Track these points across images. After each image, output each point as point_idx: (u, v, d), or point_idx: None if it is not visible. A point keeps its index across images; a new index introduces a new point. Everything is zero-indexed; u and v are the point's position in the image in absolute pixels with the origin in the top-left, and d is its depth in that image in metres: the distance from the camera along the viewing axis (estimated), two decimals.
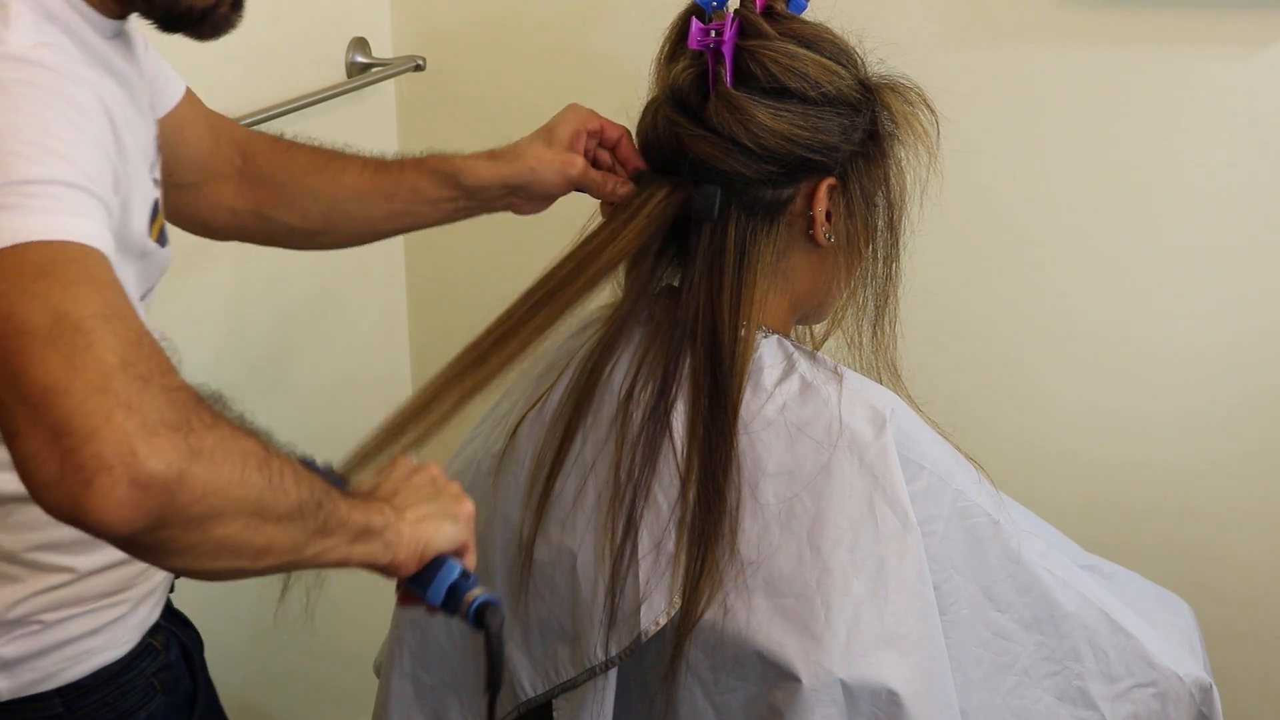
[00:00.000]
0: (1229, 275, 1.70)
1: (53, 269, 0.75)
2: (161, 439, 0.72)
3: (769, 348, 1.15)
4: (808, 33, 1.12)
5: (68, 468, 0.70)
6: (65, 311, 0.73)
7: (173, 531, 0.74)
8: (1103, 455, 1.80)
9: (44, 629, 1.02)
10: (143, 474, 0.71)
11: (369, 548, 0.88)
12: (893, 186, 1.17)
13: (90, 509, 0.71)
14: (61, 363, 0.72)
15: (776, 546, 1.11)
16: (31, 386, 0.71)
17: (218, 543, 0.76)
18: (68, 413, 0.71)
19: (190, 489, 0.73)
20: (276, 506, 0.79)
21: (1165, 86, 1.64)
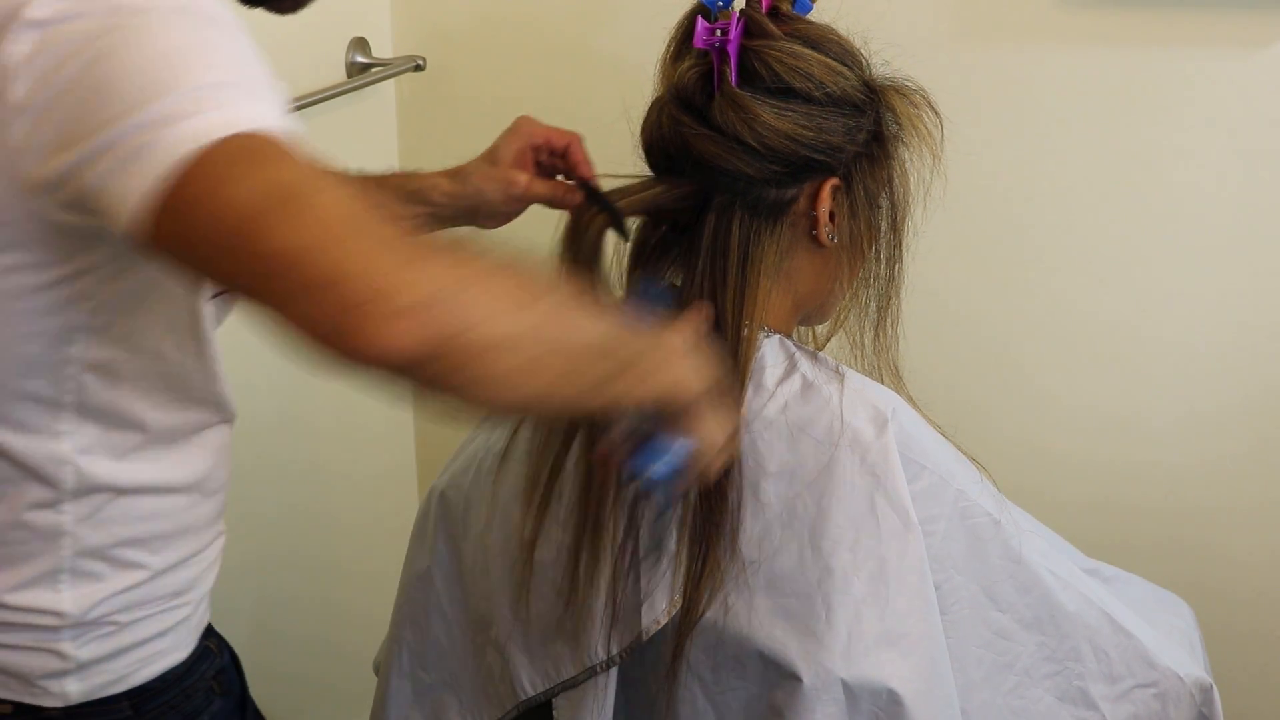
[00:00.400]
0: (1229, 275, 1.70)
1: (265, 152, 0.78)
2: (425, 267, 0.75)
3: (771, 347, 1.15)
4: (813, 33, 1.12)
5: (341, 312, 0.73)
6: (280, 184, 0.76)
7: (449, 362, 0.75)
8: (1103, 455, 1.81)
9: (119, 630, 1.02)
10: (408, 300, 0.73)
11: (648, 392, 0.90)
12: (896, 188, 1.17)
13: (374, 343, 0.73)
14: (303, 227, 0.75)
15: (778, 546, 1.11)
16: (282, 257, 0.74)
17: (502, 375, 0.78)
18: (326, 266, 0.74)
19: (458, 314, 0.75)
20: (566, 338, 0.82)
21: (1165, 86, 1.64)
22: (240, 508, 1.80)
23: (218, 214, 0.76)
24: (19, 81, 0.81)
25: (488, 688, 1.25)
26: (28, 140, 0.82)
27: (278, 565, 1.87)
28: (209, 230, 0.77)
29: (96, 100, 0.79)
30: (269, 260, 0.75)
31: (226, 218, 0.76)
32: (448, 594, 1.30)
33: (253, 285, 0.77)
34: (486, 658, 1.25)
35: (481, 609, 1.25)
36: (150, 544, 1.02)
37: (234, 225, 0.76)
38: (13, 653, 1.00)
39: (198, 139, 0.77)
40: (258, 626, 1.87)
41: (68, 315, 0.91)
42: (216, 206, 0.76)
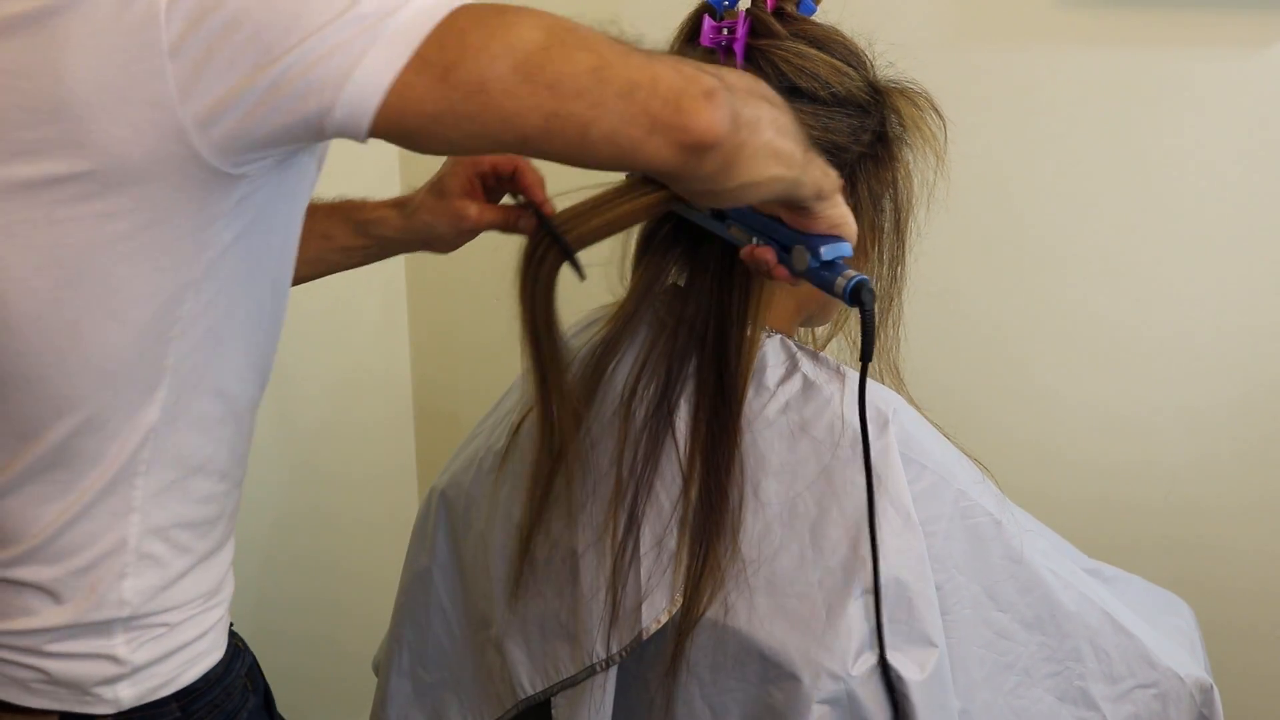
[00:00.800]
0: (1229, 273, 1.70)
1: (504, 7, 0.82)
2: (689, 67, 0.85)
3: (772, 347, 1.15)
4: (818, 34, 1.12)
5: (654, 111, 0.82)
6: (549, 23, 0.82)
7: (744, 133, 0.86)
8: (1104, 454, 1.81)
9: (169, 631, 1.02)
10: (705, 85, 0.83)
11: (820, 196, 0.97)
12: (900, 190, 1.17)
13: (693, 124, 0.82)
14: (585, 51, 0.82)
15: (778, 545, 1.11)
16: (578, 79, 0.81)
17: (766, 146, 0.88)
18: (623, 76, 0.82)
19: (735, 92, 0.85)
20: (781, 120, 0.90)
21: (1166, 86, 1.64)
22: (240, 509, 1.81)
23: (498, 55, 0.80)
24: (172, 23, 0.81)
25: (488, 687, 1.25)
26: (192, 74, 0.82)
27: (278, 565, 1.87)
28: (495, 74, 0.80)
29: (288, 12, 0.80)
30: (571, 81, 0.80)
31: (513, 56, 0.80)
32: (448, 593, 1.30)
33: (553, 113, 0.81)
34: (486, 657, 1.25)
35: (482, 608, 1.26)
36: (199, 527, 1.03)
37: (524, 62, 0.80)
38: (69, 661, 1.00)
39: (436, 10, 0.81)
40: (258, 626, 1.87)
41: (188, 270, 0.90)
42: (498, 49, 0.80)
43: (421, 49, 0.80)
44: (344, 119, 0.82)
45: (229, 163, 0.86)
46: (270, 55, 0.80)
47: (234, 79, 0.81)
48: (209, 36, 0.81)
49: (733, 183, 0.88)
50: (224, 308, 0.95)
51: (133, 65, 0.82)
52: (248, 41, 0.80)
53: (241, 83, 0.81)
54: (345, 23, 0.80)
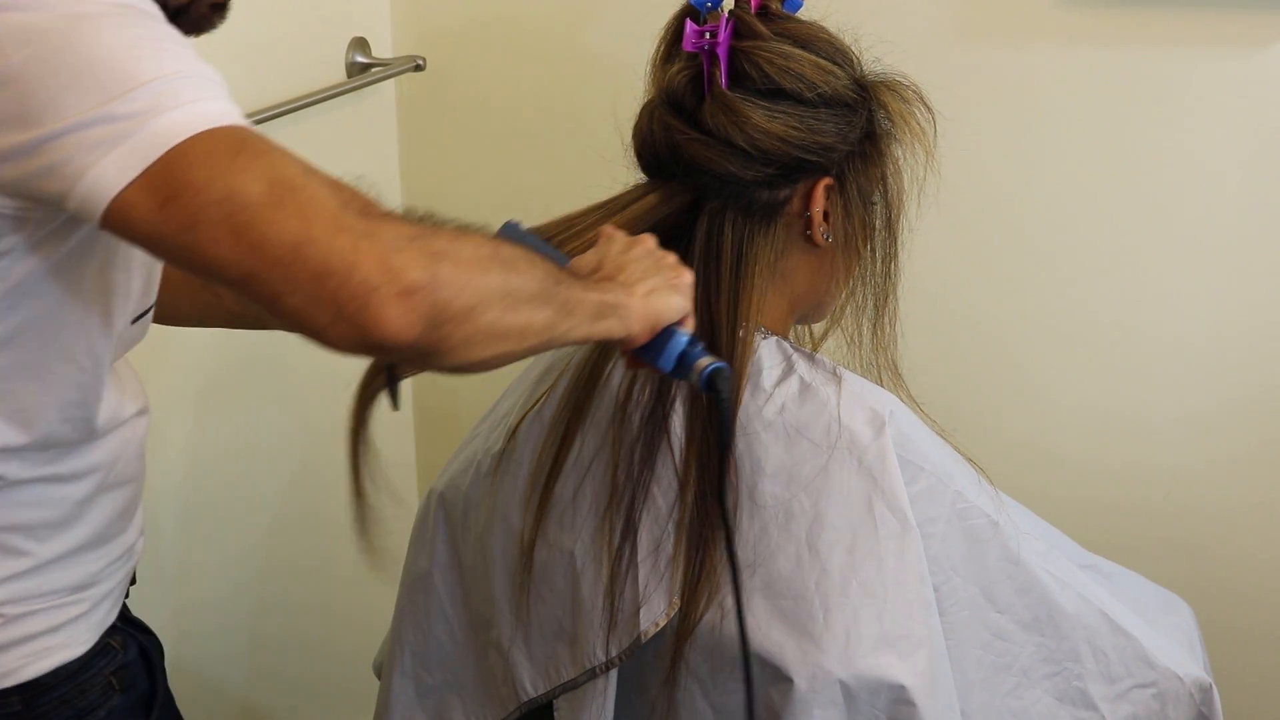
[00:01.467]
0: (1228, 274, 1.69)
1: (242, 145, 0.81)
2: (406, 251, 0.79)
3: (768, 349, 1.15)
4: (803, 32, 1.12)
5: (340, 303, 0.78)
6: (276, 176, 0.79)
7: (446, 328, 0.81)
8: (1103, 455, 1.80)
9: (7, 622, 1.02)
10: (405, 283, 0.78)
11: (607, 324, 0.94)
12: (890, 186, 1.17)
13: (375, 328, 0.78)
14: (296, 219, 0.78)
15: (775, 548, 1.11)
16: (278, 248, 0.78)
17: (485, 330, 0.83)
18: (321, 258, 0.78)
19: (448, 284, 0.80)
20: (523, 288, 0.86)
21: (1165, 86, 1.64)
22: (239, 511, 1.81)
23: (215, 203, 0.78)
24: None
25: (490, 688, 1.25)
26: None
27: (277, 569, 1.87)
28: (206, 218, 0.79)
29: (57, 86, 0.81)
30: (272, 249, 0.78)
31: (225, 208, 0.78)
32: (449, 595, 1.30)
33: (250, 274, 0.79)
34: (489, 659, 1.25)
35: (483, 610, 1.26)
36: (36, 531, 1.02)
37: (235, 215, 0.78)
38: None
39: (188, 127, 0.80)
40: (258, 630, 1.87)
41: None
42: (216, 195, 0.79)
43: (152, 169, 0.80)
44: (78, 209, 0.82)
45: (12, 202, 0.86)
46: (25, 124, 0.81)
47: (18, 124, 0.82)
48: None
49: (447, 365, 0.85)
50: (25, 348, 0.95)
51: None
52: (11, 101, 0.81)
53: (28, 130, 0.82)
54: (98, 119, 0.80)
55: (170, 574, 1.62)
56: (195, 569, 1.68)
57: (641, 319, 0.95)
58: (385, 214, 0.82)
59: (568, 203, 1.28)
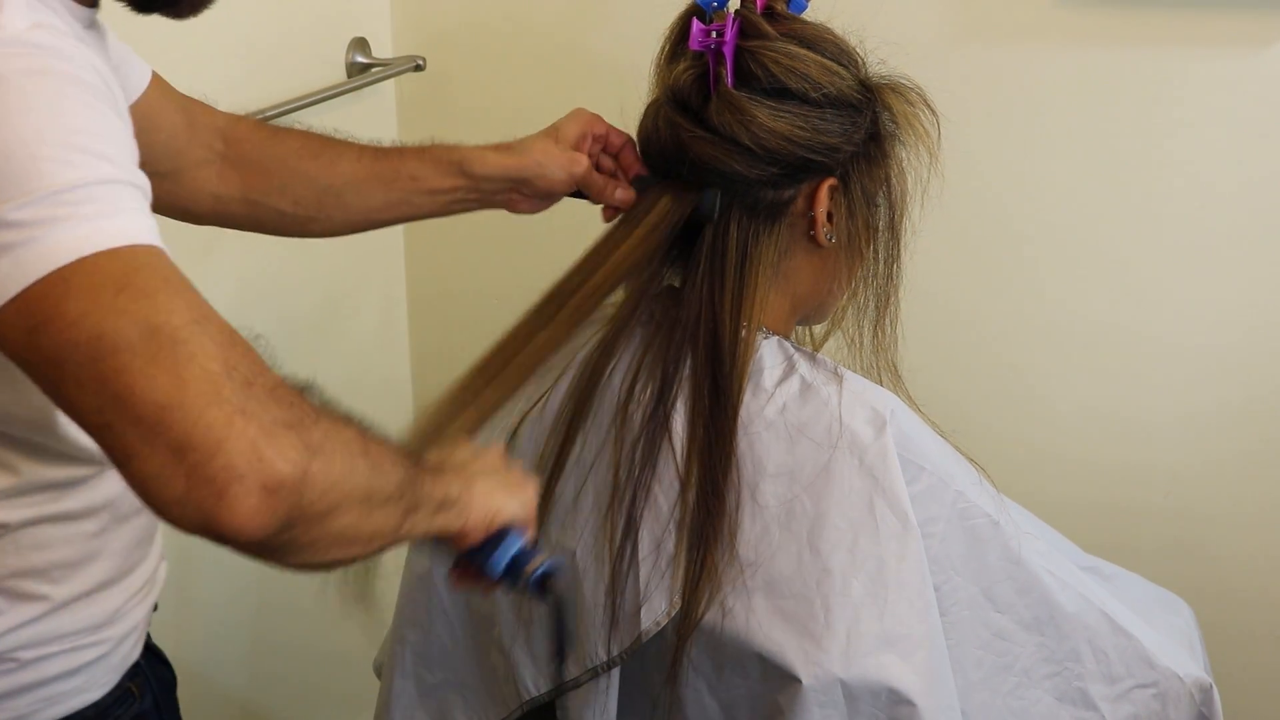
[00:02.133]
0: (1229, 274, 1.70)
1: (130, 279, 0.74)
2: (282, 440, 0.73)
3: (769, 349, 1.15)
4: (809, 33, 1.12)
5: (196, 482, 0.71)
6: (158, 324, 0.72)
7: (298, 530, 0.75)
8: (1103, 456, 1.81)
9: (20, 667, 0.97)
10: (273, 478, 0.72)
11: (446, 517, 0.90)
12: (894, 187, 1.17)
13: (224, 520, 0.71)
14: (168, 378, 0.71)
15: (776, 548, 1.11)
16: (142, 406, 0.71)
17: (336, 535, 0.78)
18: (187, 428, 0.70)
19: (314, 485, 0.74)
20: (381, 491, 0.81)
21: (1166, 87, 1.64)
22: None
23: (83, 343, 0.72)
24: None
25: (492, 688, 1.25)
26: None
27: (278, 573, 1.87)
28: (72, 357, 0.72)
29: None
30: (135, 407, 0.71)
31: (93, 350, 0.72)
32: (450, 595, 1.30)
33: (107, 425, 0.72)
34: (490, 658, 1.25)
35: (484, 609, 1.26)
36: (49, 574, 0.97)
37: (100, 360, 0.72)
38: None
39: (76, 249, 0.73)
40: (259, 632, 1.87)
41: None
42: (85, 333, 0.72)
43: (28, 292, 0.73)
44: None
45: None
46: None
47: None
48: None
49: (288, 564, 0.79)
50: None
51: None
52: None
53: None
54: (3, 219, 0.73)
55: (170, 576, 1.62)
56: (195, 569, 1.68)
57: (479, 512, 0.92)
58: (272, 388, 0.75)
59: (567, 201, 1.28)
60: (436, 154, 1.26)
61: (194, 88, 1.44)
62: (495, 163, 1.24)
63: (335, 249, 1.92)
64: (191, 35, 1.53)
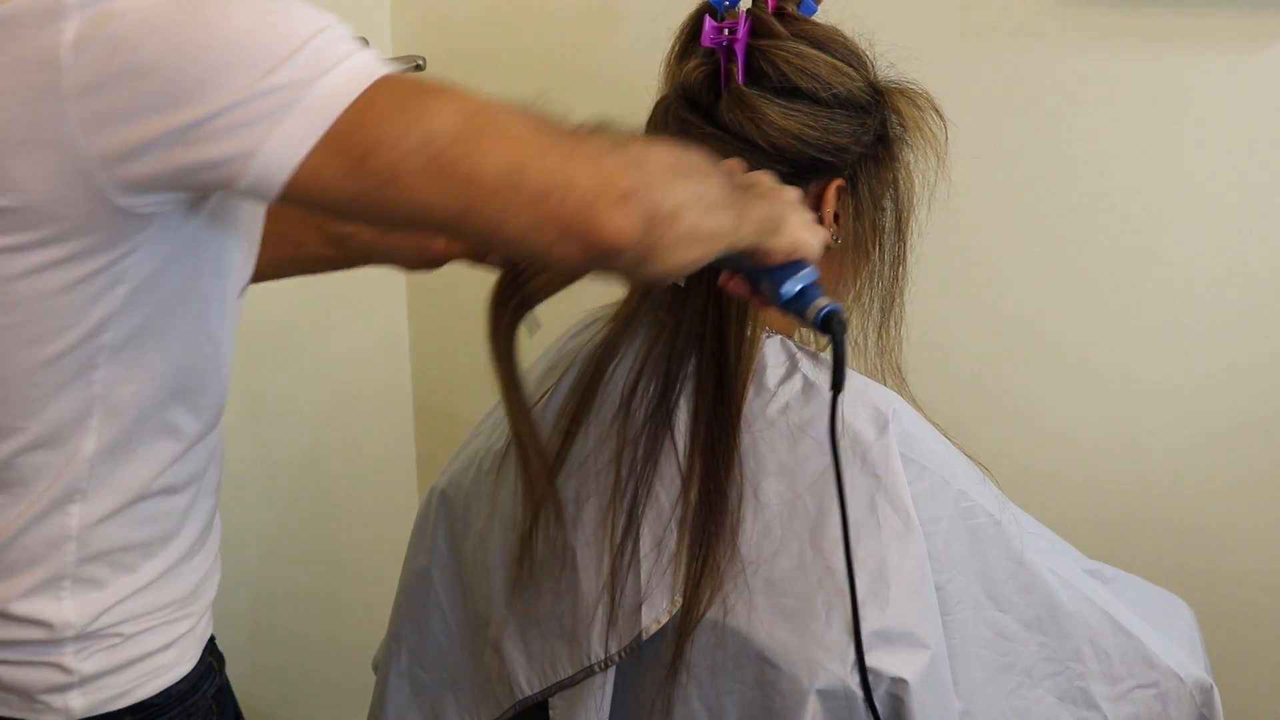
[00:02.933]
0: (1229, 274, 1.70)
1: (421, 85, 0.81)
2: (609, 162, 0.82)
3: (772, 347, 1.16)
4: (819, 34, 1.13)
5: (564, 219, 0.80)
6: (468, 109, 0.81)
7: (660, 229, 0.83)
8: (1104, 455, 1.80)
9: (123, 641, 1.00)
10: (622, 188, 0.81)
11: (765, 231, 0.95)
12: (901, 190, 1.17)
13: (601, 237, 0.81)
14: (502, 145, 0.80)
15: (778, 546, 1.11)
16: (491, 179, 0.79)
17: (689, 232, 0.85)
18: (538, 179, 0.79)
19: (654, 189, 0.83)
20: (709, 194, 0.88)
21: (1165, 86, 1.64)
22: (240, 505, 1.80)
23: (413, 146, 0.79)
24: (78, 66, 0.79)
25: (485, 687, 1.25)
26: (98, 115, 0.80)
27: (277, 562, 1.87)
28: (410, 165, 0.79)
29: (201, 70, 0.78)
30: (485, 181, 0.79)
31: (423, 148, 0.78)
32: (447, 593, 1.30)
33: (466, 209, 0.80)
34: (484, 657, 1.25)
35: (480, 608, 1.26)
36: (149, 547, 1.01)
37: (439, 156, 0.79)
38: (14, 668, 0.98)
39: (358, 82, 0.79)
40: (258, 625, 1.87)
41: (105, 303, 0.89)
42: (414, 142, 0.79)
43: (335, 130, 0.79)
44: (251, 187, 0.81)
45: (137, 204, 0.84)
46: (180, 113, 0.79)
47: (142, 128, 0.80)
48: (118, 82, 0.80)
49: (655, 270, 0.87)
50: (151, 342, 0.93)
51: (34, 104, 0.81)
52: (158, 94, 0.79)
53: (149, 132, 0.80)
54: (260, 93, 0.78)
55: None
56: None
57: (789, 241, 0.97)
58: (577, 128, 0.84)
59: None
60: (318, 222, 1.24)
61: None
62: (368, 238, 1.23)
63: None
64: None
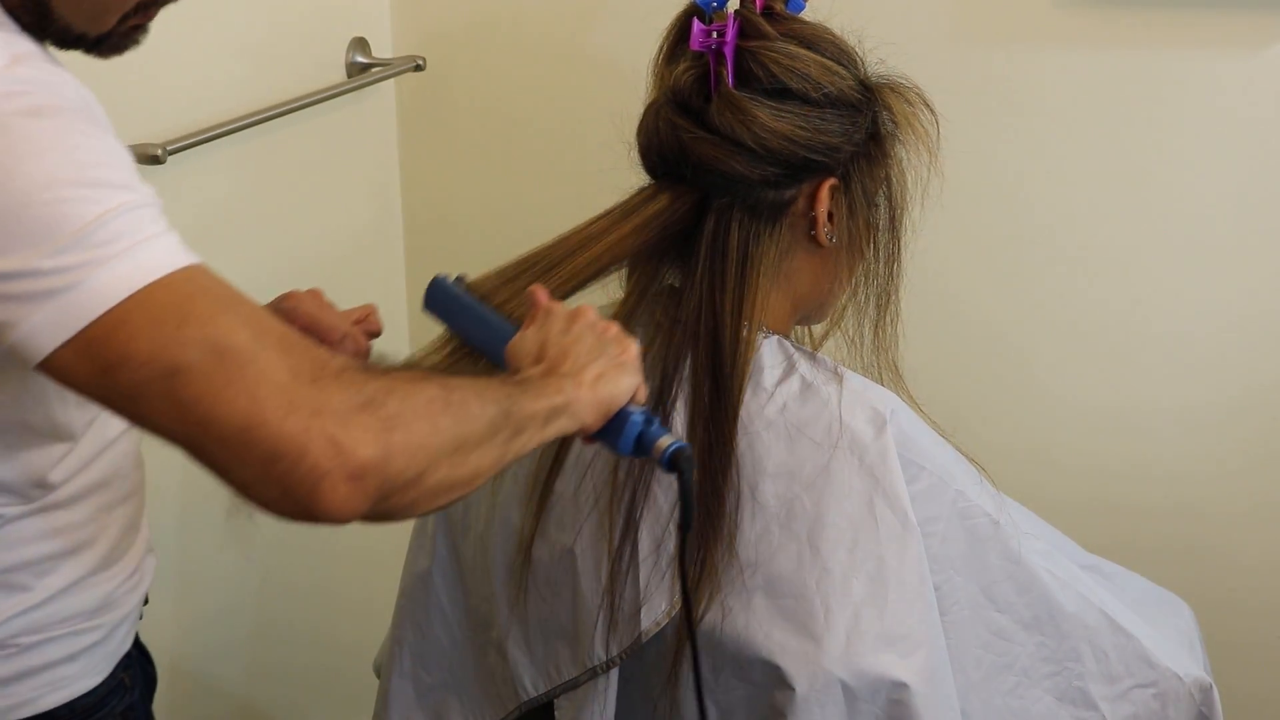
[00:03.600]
0: (1228, 274, 1.70)
1: (187, 308, 0.77)
2: (357, 426, 0.77)
3: (769, 348, 1.15)
4: (808, 33, 1.12)
5: (289, 485, 0.76)
6: (224, 348, 0.76)
7: (395, 499, 0.79)
8: (1103, 455, 1.81)
9: (20, 652, 0.99)
10: (356, 465, 0.76)
11: (559, 424, 0.92)
12: (894, 186, 1.17)
13: (321, 511, 0.77)
14: (244, 399, 0.76)
15: (776, 547, 1.11)
16: (226, 428, 0.76)
17: (434, 489, 0.82)
18: (271, 442, 0.75)
19: (397, 458, 0.78)
20: (473, 436, 0.84)
21: (1165, 86, 1.64)
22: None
23: (157, 375, 0.76)
24: None
25: (489, 688, 1.25)
26: None
27: (277, 561, 1.87)
28: (150, 392, 0.76)
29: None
30: (219, 428, 0.76)
31: (170, 384, 0.76)
32: (448, 594, 1.30)
33: (196, 445, 0.77)
34: (488, 658, 1.25)
35: (482, 609, 1.26)
36: (39, 565, 0.99)
37: (178, 392, 0.76)
38: None
39: (127, 285, 0.76)
40: (260, 625, 1.87)
41: None
42: (155, 367, 0.76)
43: (87, 334, 0.76)
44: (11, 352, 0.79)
45: None
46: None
47: None
48: None
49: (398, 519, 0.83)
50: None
51: None
52: None
53: None
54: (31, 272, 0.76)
55: (170, 569, 1.62)
56: (195, 563, 1.68)
57: (593, 409, 0.94)
58: (337, 374, 0.79)
59: (567, 202, 1.28)
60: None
61: (195, 88, 1.44)
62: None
63: (334, 250, 1.92)
64: (192, 36, 1.54)
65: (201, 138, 1.51)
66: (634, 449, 0.97)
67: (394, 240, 2.06)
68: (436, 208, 2.03)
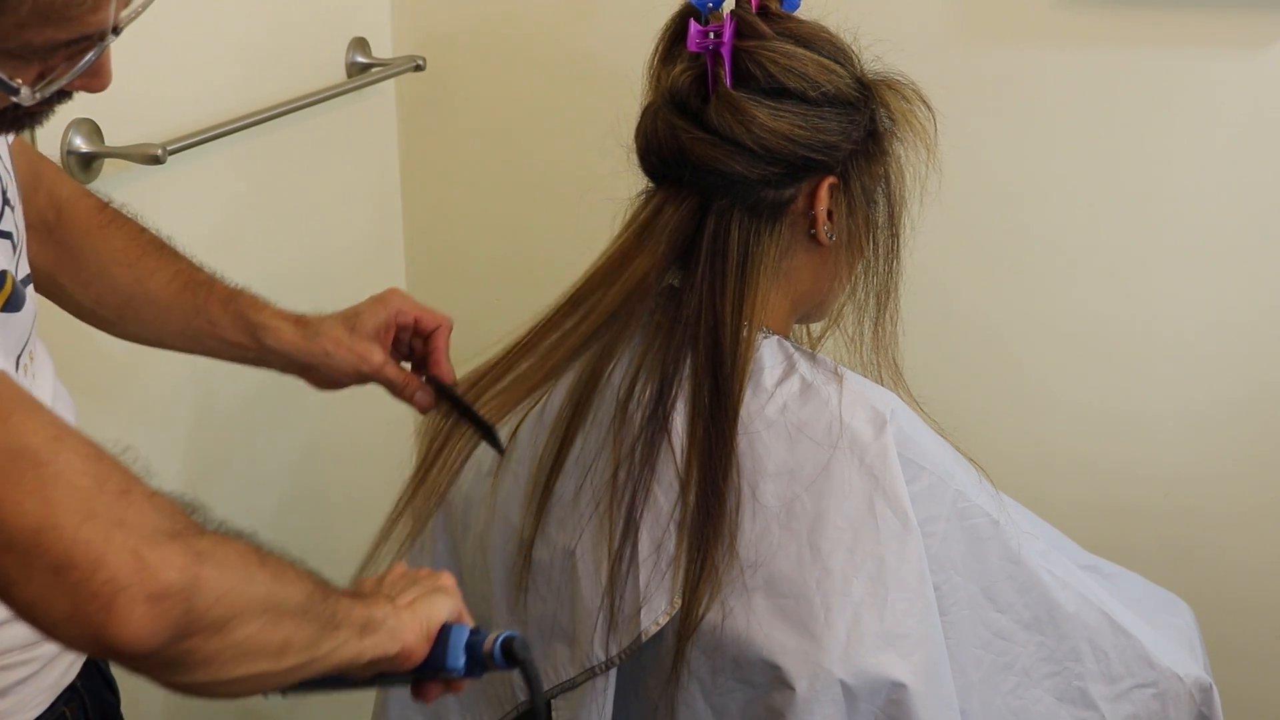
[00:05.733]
0: (1228, 273, 1.70)
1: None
2: (165, 547, 0.71)
3: (769, 348, 1.16)
4: (804, 31, 1.13)
5: (81, 599, 0.69)
6: (17, 448, 0.70)
7: (196, 640, 0.73)
8: (1103, 455, 1.80)
9: None
10: (158, 585, 0.70)
11: (376, 639, 0.86)
12: (892, 184, 1.17)
13: (114, 633, 0.69)
14: (36, 501, 0.69)
15: (776, 547, 1.11)
16: (14, 533, 0.69)
17: (239, 645, 0.75)
18: (64, 548, 0.69)
19: (205, 591, 0.72)
20: (287, 600, 0.78)
21: (1164, 86, 1.64)
22: (237, 502, 1.81)
23: None
24: None
25: (487, 689, 1.25)
26: None
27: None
28: None
29: None
30: (6, 533, 0.69)
31: None
32: None
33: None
34: None
35: (481, 610, 1.26)
36: None
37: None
38: None
39: None
40: None
41: None
42: None
43: None
44: None
45: None
46: None
47: None
48: None
49: (197, 680, 0.75)
50: None
51: None
52: None
53: None
54: None
55: None
56: None
57: (413, 628, 0.88)
58: (149, 495, 0.73)
59: (567, 201, 1.29)
60: (240, 306, 1.20)
61: (195, 88, 1.44)
62: (287, 340, 1.19)
63: (334, 250, 1.92)
64: (192, 36, 1.54)
65: (201, 138, 1.51)
66: (466, 657, 0.91)
67: (394, 240, 2.06)
68: (436, 208, 2.03)
